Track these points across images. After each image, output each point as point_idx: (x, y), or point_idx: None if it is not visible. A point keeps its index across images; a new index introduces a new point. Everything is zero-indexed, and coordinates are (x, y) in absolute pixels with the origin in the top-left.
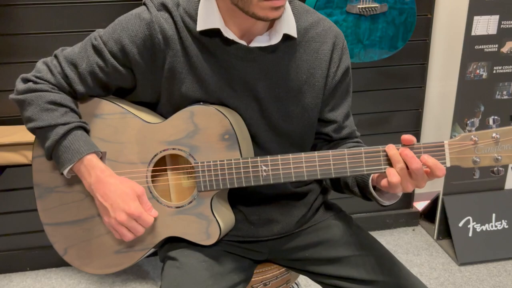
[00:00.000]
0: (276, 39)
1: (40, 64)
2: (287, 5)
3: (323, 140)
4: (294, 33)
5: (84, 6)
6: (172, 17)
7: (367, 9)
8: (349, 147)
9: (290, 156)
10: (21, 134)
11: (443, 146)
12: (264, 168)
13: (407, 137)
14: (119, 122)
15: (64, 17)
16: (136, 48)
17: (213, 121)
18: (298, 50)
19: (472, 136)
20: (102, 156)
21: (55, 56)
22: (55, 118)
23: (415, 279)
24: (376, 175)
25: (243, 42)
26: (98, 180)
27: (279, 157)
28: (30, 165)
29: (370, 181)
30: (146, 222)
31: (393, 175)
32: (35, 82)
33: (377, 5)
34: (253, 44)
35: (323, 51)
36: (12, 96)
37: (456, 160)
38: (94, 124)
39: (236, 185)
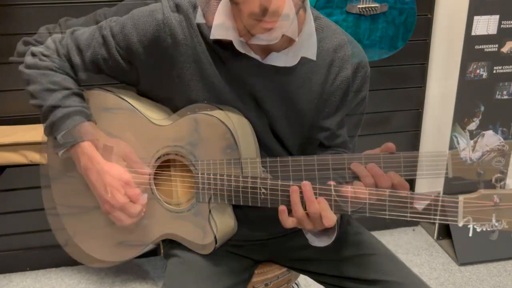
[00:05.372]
0: (292, 62)
1: (50, 42)
2: (311, 24)
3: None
4: (313, 56)
5: (84, 6)
6: (186, 20)
7: (367, 9)
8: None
9: (290, 183)
10: (21, 134)
11: (457, 202)
12: (263, 191)
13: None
14: (125, 118)
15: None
16: (143, 48)
17: (216, 133)
18: (314, 73)
19: (495, 196)
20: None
21: (64, 36)
22: (56, 100)
23: (417, 278)
24: None
25: (258, 57)
26: (86, 168)
27: (279, 182)
28: (30, 165)
29: None
30: (131, 213)
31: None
32: (41, 60)
33: (377, 5)
34: (268, 61)
35: (340, 77)
36: (21, 68)
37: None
38: (102, 117)
39: (233, 202)
